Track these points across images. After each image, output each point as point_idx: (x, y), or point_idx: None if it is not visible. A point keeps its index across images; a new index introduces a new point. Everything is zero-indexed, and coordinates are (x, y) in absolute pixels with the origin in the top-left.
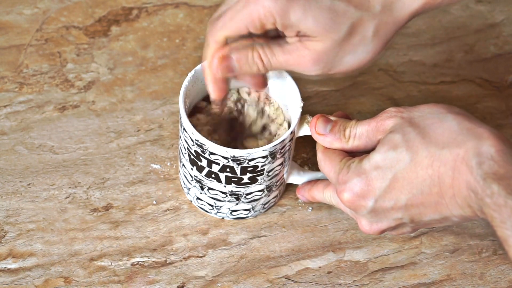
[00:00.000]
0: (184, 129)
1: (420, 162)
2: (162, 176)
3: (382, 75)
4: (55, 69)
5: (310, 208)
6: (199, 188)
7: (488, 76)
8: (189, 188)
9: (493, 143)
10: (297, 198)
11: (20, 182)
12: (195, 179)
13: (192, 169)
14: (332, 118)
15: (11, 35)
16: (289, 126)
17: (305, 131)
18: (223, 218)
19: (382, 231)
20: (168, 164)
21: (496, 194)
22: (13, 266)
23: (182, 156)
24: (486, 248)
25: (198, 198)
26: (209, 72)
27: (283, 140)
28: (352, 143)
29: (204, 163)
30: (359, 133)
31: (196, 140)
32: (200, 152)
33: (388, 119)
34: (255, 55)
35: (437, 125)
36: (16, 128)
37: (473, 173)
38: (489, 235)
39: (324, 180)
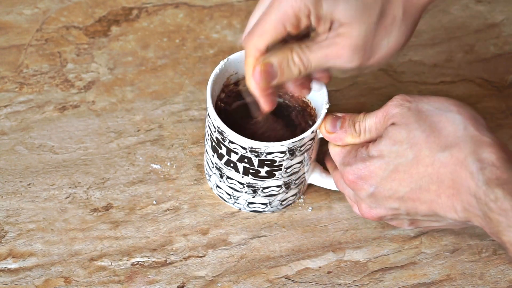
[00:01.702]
0: (208, 114)
1: (422, 160)
2: (162, 176)
3: (382, 75)
4: (55, 69)
5: (310, 208)
6: (219, 176)
7: (488, 76)
8: (210, 175)
9: (494, 150)
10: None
11: (20, 182)
12: (215, 166)
13: (213, 156)
14: (339, 114)
15: (11, 35)
16: None
17: None
18: (240, 209)
19: (380, 218)
20: (168, 164)
21: (501, 199)
22: (13, 266)
23: (205, 142)
24: (486, 248)
25: (217, 186)
26: (255, 85)
27: (303, 138)
28: (364, 137)
29: (224, 151)
30: (368, 126)
31: (217, 127)
32: (221, 140)
33: (394, 108)
34: (295, 56)
35: (443, 125)
36: (16, 128)
37: (474, 178)
38: (489, 235)
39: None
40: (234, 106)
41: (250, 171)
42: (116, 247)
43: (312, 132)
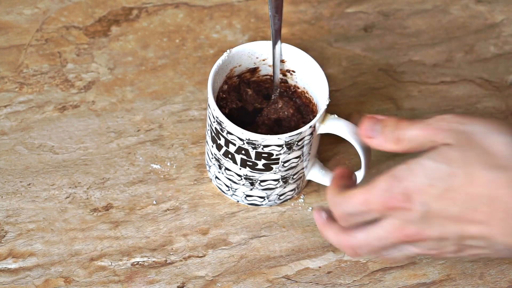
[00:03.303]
0: (208, 105)
1: (475, 181)
2: (162, 176)
3: (382, 75)
4: (55, 69)
5: (310, 208)
6: (218, 167)
7: (488, 76)
8: (210, 166)
9: None
10: (297, 198)
11: (20, 182)
12: (214, 157)
13: (212, 146)
14: (380, 117)
15: (11, 35)
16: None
17: (327, 128)
18: (238, 201)
19: (427, 239)
20: (168, 164)
21: None
22: (13, 266)
23: (206, 132)
24: None
25: (216, 177)
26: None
27: (300, 133)
28: (403, 147)
29: (222, 141)
30: (411, 136)
31: (216, 117)
32: (219, 130)
33: (446, 132)
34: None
35: (497, 147)
36: (16, 128)
37: None
38: None
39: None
40: (240, 104)
41: (248, 163)
42: (116, 247)
43: (310, 127)
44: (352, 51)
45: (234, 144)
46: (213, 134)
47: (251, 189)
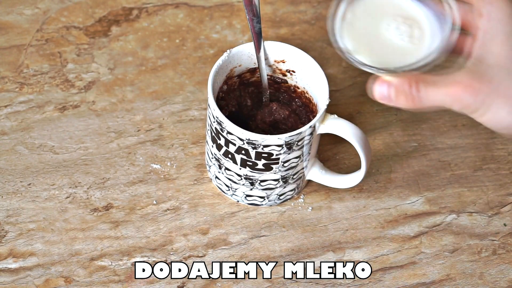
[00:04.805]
0: (208, 104)
1: None
2: (162, 176)
3: None
4: (55, 69)
5: (310, 208)
6: (218, 167)
7: None
8: (210, 166)
9: None
10: (297, 198)
11: (21, 182)
12: (214, 157)
13: (212, 146)
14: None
15: (11, 35)
16: None
17: (327, 128)
18: (238, 201)
19: None
20: (168, 164)
21: None
22: (13, 265)
23: (206, 132)
24: (486, 248)
25: (216, 177)
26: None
27: (300, 133)
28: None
29: (222, 141)
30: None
31: (216, 117)
32: (219, 130)
33: None
34: (413, 88)
35: None
36: (16, 128)
37: None
38: (488, 234)
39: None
40: (240, 102)
41: (248, 163)
42: (116, 247)
43: (310, 127)
44: None
45: (234, 144)
46: (213, 134)
47: (251, 189)
